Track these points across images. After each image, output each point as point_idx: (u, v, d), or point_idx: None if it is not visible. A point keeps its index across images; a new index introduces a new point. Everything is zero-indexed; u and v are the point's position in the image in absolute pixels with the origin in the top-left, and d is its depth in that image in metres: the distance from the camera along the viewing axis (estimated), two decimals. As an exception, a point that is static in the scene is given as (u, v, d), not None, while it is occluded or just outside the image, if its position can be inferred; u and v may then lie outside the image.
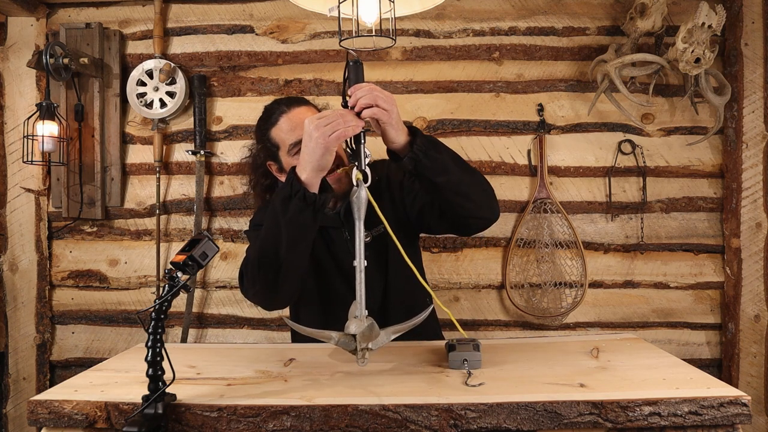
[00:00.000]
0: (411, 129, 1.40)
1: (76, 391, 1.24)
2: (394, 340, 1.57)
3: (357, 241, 1.26)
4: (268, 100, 2.44)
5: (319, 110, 1.55)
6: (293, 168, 1.37)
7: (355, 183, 1.28)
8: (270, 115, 1.63)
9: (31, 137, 2.28)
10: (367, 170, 1.29)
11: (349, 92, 1.34)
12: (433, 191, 1.47)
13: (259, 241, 1.43)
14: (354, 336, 1.22)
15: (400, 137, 1.36)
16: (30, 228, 2.48)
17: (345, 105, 1.35)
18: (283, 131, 1.59)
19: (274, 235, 1.38)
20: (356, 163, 1.29)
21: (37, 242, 2.48)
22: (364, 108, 1.30)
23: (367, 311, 1.26)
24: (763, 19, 2.36)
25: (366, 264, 1.27)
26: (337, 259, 1.67)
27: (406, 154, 1.38)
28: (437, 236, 2.45)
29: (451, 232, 1.66)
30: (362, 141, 1.30)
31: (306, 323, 1.47)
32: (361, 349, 1.22)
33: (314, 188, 1.35)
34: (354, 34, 1.44)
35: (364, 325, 1.22)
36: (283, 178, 1.60)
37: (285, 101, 1.66)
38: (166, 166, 2.50)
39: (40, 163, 2.38)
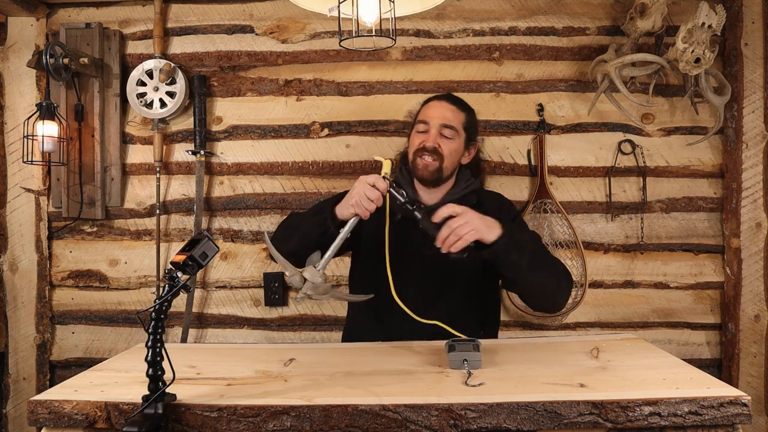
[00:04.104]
0: (503, 224, 1.54)
1: (76, 391, 1.24)
2: (394, 340, 1.60)
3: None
4: (268, 100, 2.48)
5: (461, 107, 1.84)
6: (336, 203, 1.62)
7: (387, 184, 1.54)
8: (428, 100, 1.88)
9: (31, 137, 2.28)
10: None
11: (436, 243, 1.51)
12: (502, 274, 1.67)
13: (295, 215, 1.85)
14: (305, 279, 1.41)
15: (491, 236, 1.51)
16: (30, 228, 2.48)
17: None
18: (421, 112, 1.85)
19: (301, 218, 1.76)
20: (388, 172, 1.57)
21: (37, 242, 2.48)
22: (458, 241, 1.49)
23: (325, 275, 1.46)
24: (763, 19, 2.36)
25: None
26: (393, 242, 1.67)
27: (488, 249, 1.52)
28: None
29: None
30: (395, 195, 1.56)
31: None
32: (303, 293, 1.41)
33: (339, 216, 1.58)
34: (354, 34, 1.44)
35: (318, 279, 1.41)
36: (414, 138, 1.83)
37: (437, 96, 1.89)
38: (166, 166, 2.50)
39: (40, 163, 2.38)
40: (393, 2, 1.39)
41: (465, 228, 1.47)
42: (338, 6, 1.40)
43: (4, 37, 2.48)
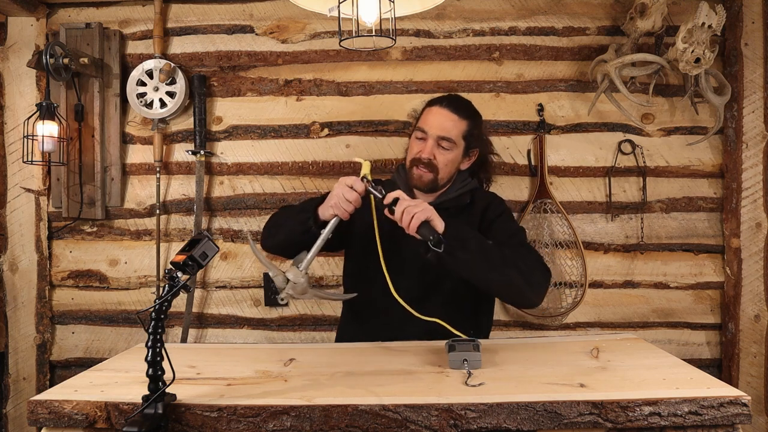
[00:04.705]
0: (446, 222, 1.52)
1: (76, 391, 1.24)
2: (395, 340, 1.60)
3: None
4: (268, 100, 2.48)
5: (463, 115, 1.80)
6: (321, 203, 1.64)
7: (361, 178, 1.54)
8: (431, 103, 1.85)
9: (31, 137, 2.28)
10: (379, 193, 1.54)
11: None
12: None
13: (284, 210, 1.86)
14: (288, 280, 1.43)
15: (440, 225, 1.51)
16: (30, 228, 2.48)
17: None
18: (422, 117, 1.84)
19: (287, 214, 1.77)
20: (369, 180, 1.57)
21: (37, 242, 2.48)
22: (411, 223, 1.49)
23: (308, 274, 1.47)
24: (763, 19, 2.36)
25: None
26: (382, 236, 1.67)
27: (432, 250, 1.48)
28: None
29: None
30: (373, 192, 1.55)
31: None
32: (286, 293, 1.43)
33: (321, 216, 1.61)
34: (354, 34, 1.44)
35: (301, 281, 1.43)
36: (412, 144, 1.84)
37: (441, 99, 1.85)
38: (166, 166, 2.50)
39: (40, 163, 2.38)
40: (393, 2, 1.40)
41: (415, 208, 1.49)
42: (338, 6, 1.41)
43: (4, 37, 2.48)
